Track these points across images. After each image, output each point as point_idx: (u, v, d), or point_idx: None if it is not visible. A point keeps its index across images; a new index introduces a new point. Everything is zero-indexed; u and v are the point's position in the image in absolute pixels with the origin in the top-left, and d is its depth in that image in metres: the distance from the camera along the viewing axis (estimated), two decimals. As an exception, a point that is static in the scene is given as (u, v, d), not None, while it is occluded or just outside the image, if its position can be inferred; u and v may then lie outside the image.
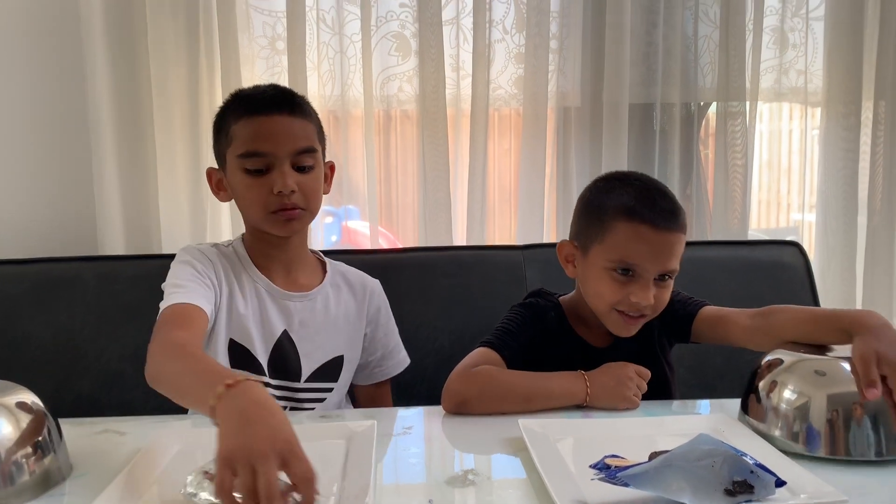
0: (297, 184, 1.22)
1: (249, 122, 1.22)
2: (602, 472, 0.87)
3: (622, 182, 1.27)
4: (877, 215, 2.11)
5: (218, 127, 1.28)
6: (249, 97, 1.26)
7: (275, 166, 1.21)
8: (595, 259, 1.24)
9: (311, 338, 1.31)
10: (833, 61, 2.07)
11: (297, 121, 1.23)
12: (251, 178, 1.22)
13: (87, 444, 1.04)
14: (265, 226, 1.26)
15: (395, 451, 1.01)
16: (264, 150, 1.21)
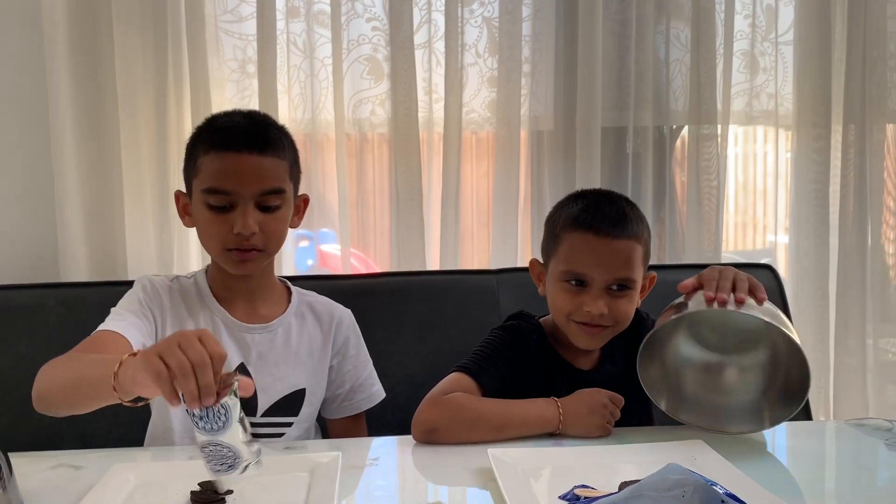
0: (260, 224, 1.19)
1: (217, 157, 1.19)
2: (571, 503, 0.85)
3: (577, 196, 1.29)
4: (848, 236, 2.12)
5: (188, 153, 1.25)
6: (221, 129, 1.22)
7: (238, 205, 1.18)
8: (552, 272, 1.25)
9: (269, 371, 1.28)
10: (803, 85, 2.09)
11: (267, 160, 1.20)
12: (213, 213, 1.19)
13: (40, 480, 1.01)
14: (221, 261, 1.25)
15: (362, 484, 0.98)
16: (228, 188, 1.18)
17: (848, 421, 1.22)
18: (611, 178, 2.07)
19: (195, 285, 1.30)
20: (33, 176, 1.84)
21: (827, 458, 1.13)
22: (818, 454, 1.13)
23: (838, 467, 1.10)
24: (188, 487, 0.92)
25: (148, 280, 1.29)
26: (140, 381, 0.85)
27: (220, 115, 1.27)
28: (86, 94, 1.83)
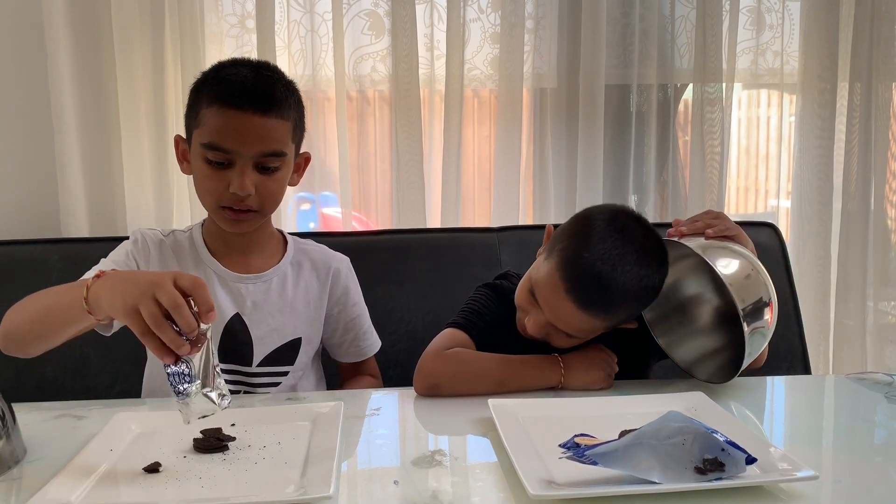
0: (257, 185, 1.17)
1: (220, 112, 1.15)
2: (570, 450, 0.85)
3: None
4: (852, 200, 2.12)
5: (191, 100, 1.21)
6: (228, 83, 1.17)
7: (236, 164, 1.16)
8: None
9: (264, 321, 1.28)
10: (809, 42, 2.07)
11: (270, 121, 1.16)
12: (210, 168, 1.17)
13: (43, 429, 1.01)
14: (214, 217, 1.25)
15: (363, 433, 0.99)
16: (228, 146, 1.15)
17: (848, 375, 1.23)
18: (614, 136, 2.06)
19: (189, 238, 1.30)
20: (33, 133, 1.84)
21: (827, 411, 1.13)
22: (818, 406, 1.14)
23: (838, 419, 1.10)
24: (191, 435, 0.93)
25: (140, 233, 1.29)
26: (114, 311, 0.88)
27: (226, 63, 1.22)
28: (84, 49, 1.81)
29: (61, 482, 0.81)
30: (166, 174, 1.85)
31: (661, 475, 0.78)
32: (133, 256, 1.26)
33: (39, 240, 1.68)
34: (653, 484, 0.77)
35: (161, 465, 0.86)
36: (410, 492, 0.81)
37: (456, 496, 0.80)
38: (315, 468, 0.84)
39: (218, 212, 1.21)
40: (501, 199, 2.00)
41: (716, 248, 1.13)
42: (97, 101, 1.84)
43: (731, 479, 0.79)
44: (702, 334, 1.23)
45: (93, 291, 0.92)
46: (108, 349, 1.56)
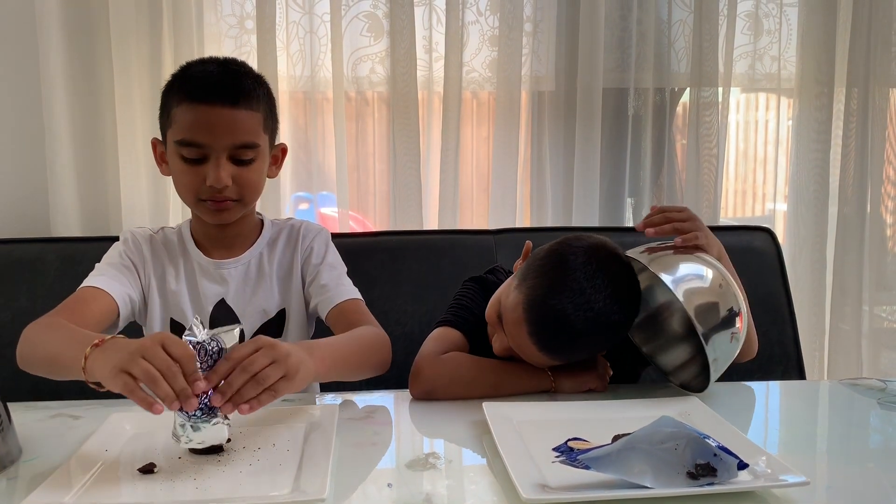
0: (234, 176, 1.19)
1: (189, 109, 1.17)
2: (564, 454, 0.86)
3: None
4: (848, 204, 2.12)
5: (163, 102, 1.24)
6: (195, 79, 1.20)
7: (210, 157, 1.18)
8: None
9: (247, 300, 1.31)
10: (806, 47, 2.07)
11: (240, 112, 1.18)
12: (186, 164, 1.19)
13: (39, 428, 1.01)
14: (196, 211, 1.27)
15: (358, 435, 0.99)
16: (200, 141, 1.17)
17: (842, 381, 1.23)
18: (611, 139, 2.06)
19: (178, 234, 1.34)
20: (24, 132, 1.83)
21: (820, 416, 1.14)
22: (812, 412, 1.14)
23: (832, 425, 1.11)
24: (186, 436, 0.93)
25: (129, 232, 1.33)
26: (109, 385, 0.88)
27: (194, 63, 1.24)
28: (78, 47, 1.81)
29: (56, 482, 0.81)
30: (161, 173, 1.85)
31: (654, 480, 0.78)
32: (127, 256, 1.29)
33: (37, 238, 1.69)
34: (645, 488, 0.78)
35: (156, 466, 0.86)
36: (404, 494, 0.81)
37: (450, 499, 0.80)
38: (309, 470, 0.84)
39: (198, 205, 1.23)
40: (498, 201, 2.01)
41: (685, 259, 1.12)
42: (90, 101, 1.84)
43: (722, 485, 0.79)
44: (681, 340, 1.23)
45: (90, 361, 0.93)
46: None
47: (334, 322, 1.28)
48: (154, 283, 1.29)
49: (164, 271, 1.30)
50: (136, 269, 1.28)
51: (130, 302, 1.26)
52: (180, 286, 1.30)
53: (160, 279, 1.30)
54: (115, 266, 1.26)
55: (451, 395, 1.14)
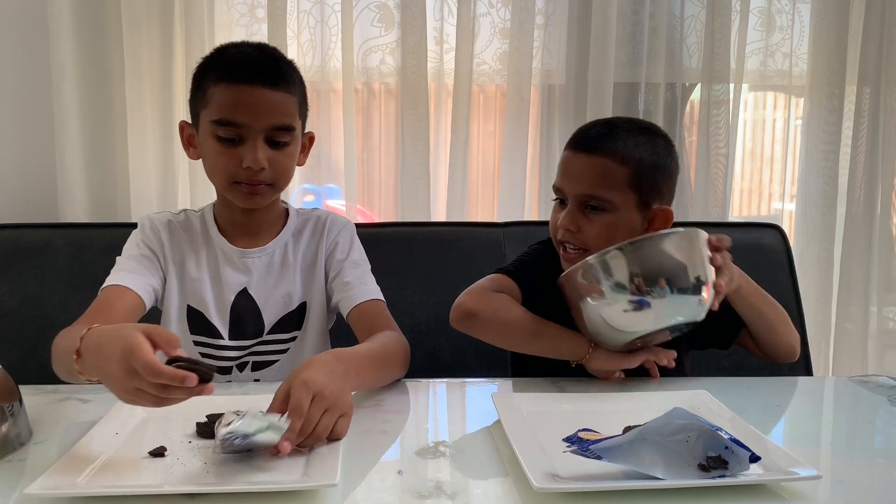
0: (269, 160, 1.18)
1: (228, 89, 1.16)
2: (574, 445, 0.86)
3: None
4: (856, 205, 2.12)
5: (196, 83, 1.22)
6: (233, 60, 1.19)
7: (247, 139, 1.17)
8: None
9: (269, 291, 1.29)
10: (818, 45, 2.07)
11: (278, 94, 1.17)
12: (221, 145, 1.18)
13: (49, 412, 1.01)
14: (227, 194, 1.24)
15: (368, 423, 0.99)
16: (239, 120, 1.16)
17: (851, 377, 1.23)
18: (621, 134, 2.05)
19: (201, 218, 1.31)
20: (33, 117, 1.84)
21: (829, 413, 1.13)
22: (820, 408, 1.14)
23: (841, 421, 1.10)
24: (195, 419, 0.93)
25: (147, 219, 1.30)
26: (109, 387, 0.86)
27: (229, 45, 1.24)
28: (88, 33, 1.81)
29: (66, 464, 0.81)
30: (171, 160, 1.86)
31: (665, 471, 0.78)
32: (145, 244, 1.27)
33: (45, 224, 1.69)
34: (656, 480, 0.77)
35: (166, 450, 0.86)
36: (414, 482, 0.81)
37: (459, 487, 0.80)
38: (320, 456, 0.84)
39: (231, 188, 1.21)
40: (507, 194, 2.00)
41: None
42: (100, 87, 1.85)
43: (734, 477, 0.79)
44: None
45: (86, 373, 0.90)
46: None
47: (355, 322, 1.28)
48: (173, 269, 1.27)
49: (185, 257, 1.28)
50: (155, 256, 1.27)
51: (154, 292, 1.25)
52: (202, 273, 1.28)
53: (179, 265, 1.28)
54: (134, 258, 1.25)
55: (487, 330, 1.17)
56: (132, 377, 0.80)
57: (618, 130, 1.21)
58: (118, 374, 0.81)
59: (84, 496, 0.76)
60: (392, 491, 0.79)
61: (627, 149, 1.19)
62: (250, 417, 0.82)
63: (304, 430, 0.84)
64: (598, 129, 1.23)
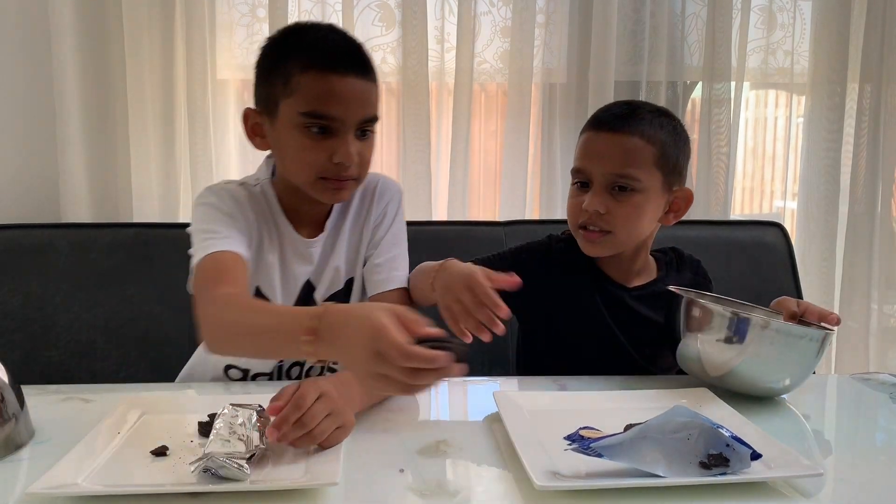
0: (357, 152, 1.11)
1: (320, 78, 1.06)
2: (576, 443, 0.86)
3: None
4: (858, 203, 2.11)
5: (272, 67, 1.11)
6: (318, 46, 1.08)
7: (339, 133, 1.08)
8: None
9: (325, 274, 1.23)
10: (820, 42, 2.06)
11: (368, 84, 1.09)
12: (310, 139, 1.08)
13: (51, 412, 1.01)
14: (311, 189, 1.13)
15: (370, 422, 0.99)
16: (333, 113, 1.07)
17: (853, 375, 1.23)
18: (622, 133, 2.05)
19: (263, 196, 1.20)
20: (35, 117, 1.84)
21: (832, 410, 1.13)
22: (822, 405, 1.14)
23: (843, 419, 1.10)
24: (196, 419, 0.93)
25: (223, 189, 1.17)
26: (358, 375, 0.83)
27: (304, 27, 1.13)
28: (90, 32, 1.81)
29: (69, 463, 0.81)
30: (173, 160, 1.86)
31: (666, 469, 0.78)
32: (228, 213, 1.14)
33: (46, 224, 1.69)
34: (657, 477, 0.77)
35: (168, 449, 0.86)
36: (416, 480, 0.81)
37: (461, 486, 0.80)
38: (322, 455, 0.84)
39: (317, 183, 1.12)
40: (508, 193, 2.00)
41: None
42: (102, 87, 1.85)
43: (735, 475, 0.79)
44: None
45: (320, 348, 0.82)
46: (115, 335, 1.57)
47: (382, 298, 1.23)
48: (255, 247, 1.17)
49: (262, 237, 1.18)
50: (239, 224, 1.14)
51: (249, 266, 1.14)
52: (274, 258, 1.19)
53: (258, 244, 1.18)
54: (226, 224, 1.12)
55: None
56: (379, 362, 0.75)
57: (640, 110, 1.21)
58: (363, 358, 0.76)
59: (86, 495, 0.76)
60: (394, 490, 0.79)
61: (653, 128, 1.19)
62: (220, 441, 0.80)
63: (304, 423, 0.83)
64: (620, 108, 1.22)
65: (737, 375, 1.05)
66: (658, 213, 1.22)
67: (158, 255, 1.62)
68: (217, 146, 1.91)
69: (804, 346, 1.03)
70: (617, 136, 1.18)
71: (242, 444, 0.81)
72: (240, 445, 0.80)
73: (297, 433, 0.83)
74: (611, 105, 1.26)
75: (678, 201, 1.23)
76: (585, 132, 1.24)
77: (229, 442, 0.81)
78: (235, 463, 0.78)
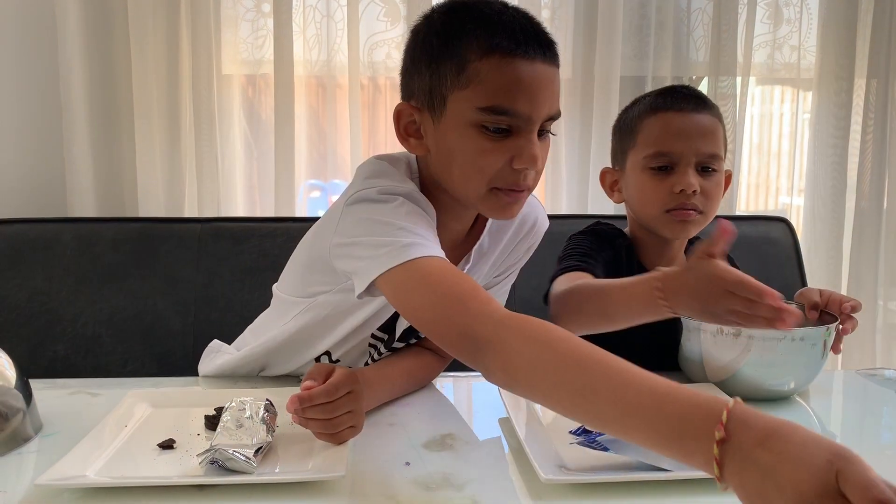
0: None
1: (506, 65, 0.88)
2: (581, 437, 0.86)
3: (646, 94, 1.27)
4: (865, 199, 2.11)
5: (437, 52, 0.92)
6: (500, 25, 0.89)
7: (522, 132, 0.90)
8: (633, 166, 1.20)
9: None
10: (827, 37, 2.05)
11: (555, 72, 0.93)
12: (489, 140, 0.90)
13: (58, 405, 1.02)
14: (479, 203, 0.96)
15: (376, 416, 0.99)
16: (520, 109, 0.89)
17: (859, 371, 1.23)
18: (627, 128, 2.05)
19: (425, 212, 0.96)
20: (41, 112, 1.84)
21: (836, 405, 1.13)
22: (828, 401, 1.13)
23: (847, 414, 1.10)
24: (203, 412, 0.93)
25: (397, 193, 0.93)
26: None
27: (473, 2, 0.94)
28: (96, 27, 1.81)
29: (76, 456, 0.81)
30: (178, 154, 1.86)
31: (671, 462, 0.78)
32: (419, 215, 0.93)
33: (51, 218, 1.70)
34: (663, 471, 0.77)
35: (175, 442, 0.87)
36: (422, 473, 0.81)
37: (467, 479, 0.80)
38: (328, 448, 0.84)
39: (489, 196, 0.94)
40: (514, 188, 1.99)
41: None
42: (107, 82, 1.85)
43: (741, 469, 0.79)
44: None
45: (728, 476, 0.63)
46: (121, 329, 1.58)
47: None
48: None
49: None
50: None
51: None
52: None
53: None
54: (420, 226, 0.90)
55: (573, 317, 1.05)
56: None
57: (700, 93, 1.21)
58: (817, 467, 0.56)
59: (93, 487, 0.77)
60: (399, 483, 0.80)
61: (717, 109, 1.20)
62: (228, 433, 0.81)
63: (326, 410, 0.82)
64: (687, 89, 1.22)
65: (739, 381, 1.05)
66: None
67: (164, 249, 1.62)
68: (222, 141, 1.91)
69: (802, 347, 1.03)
70: (699, 115, 1.17)
71: (250, 437, 0.81)
72: (247, 438, 0.81)
73: (316, 416, 0.82)
74: (671, 88, 1.23)
75: (726, 181, 1.23)
76: (654, 114, 1.18)
77: (237, 435, 0.81)
78: (243, 455, 0.78)
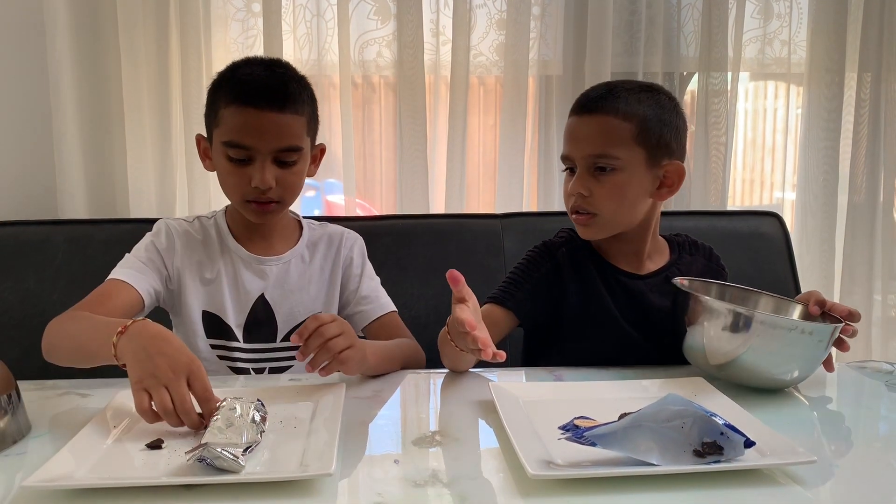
0: (277, 178, 1.23)
1: (238, 111, 1.20)
2: (570, 432, 0.86)
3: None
4: (858, 193, 2.11)
5: (210, 101, 1.27)
6: (243, 83, 1.22)
7: (256, 160, 1.21)
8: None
9: (286, 298, 1.34)
10: (818, 31, 2.06)
11: (286, 117, 1.21)
12: (232, 165, 1.23)
13: (47, 406, 1.02)
14: (241, 210, 1.28)
15: (364, 414, 0.99)
16: (247, 143, 1.20)
17: (849, 363, 1.23)
18: (619, 124, 2.04)
19: (215, 225, 1.36)
20: (31, 114, 1.84)
21: (826, 397, 1.13)
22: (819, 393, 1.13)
23: (839, 406, 1.10)
24: (193, 412, 0.93)
25: (164, 224, 1.34)
26: (131, 379, 0.91)
27: (241, 64, 1.27)
28: (85, 30, 1.81)
29: (64, 457, 0.81)
30: (169, 156, 1.86)
31: (660, 457, 0.78)
32: (155, 248, 1.30)
33: (43, 221, 1.69)
34: (651, 466, 0.77)
35: (164, 442, 0.86)
36: (410, 471, 0.81)
37: (456, 476, 0.80)
38: (316, 447, 0.84)
39: (244, 206, 1.26)
40: (505, 186, 2.00)
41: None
42: (97, 84, 1.85)
43: (729, 462, 0.79)
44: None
45: (119, 349, 0.94)
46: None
47: (374, 334, 1.34)
48: (187, 275, 1.31)
49: (201, 264, 1.32)
50: (163, 261, 1.30)
51: (155, 294, 1.28)
52: (219, 278, 1.32)
53: (194, 272, 1.32)
54: (140, 259, 1.28)
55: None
56: (172, 378, 0.87)
57: (618, 90, 1.22)
58: (161, 367, 0.88)
59: (81, 488, 0.76)
60: (388, 480, 0.79)
61: (629, 105, 1.19)
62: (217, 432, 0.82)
63: (321, 333, 1.00)
64: (599, 90, 1.24)
65: (740, 367, 1.05)
66: (647, 189, 1.22)
67: (155, 250, 1.62)
68: (214, 141, 1.91)
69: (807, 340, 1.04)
70: (593, 117, 1.20)
71: (239, 437, 0.81)
72: (237, 437, 0.81)
73: (316, 342, 0.99)
74: (590, 88, 1.27)
75: (670, 175, 1.22)
76: (569, 119, 1.26)
77: (226, 434, 0.81)
78: (231, 454, 0.78)
